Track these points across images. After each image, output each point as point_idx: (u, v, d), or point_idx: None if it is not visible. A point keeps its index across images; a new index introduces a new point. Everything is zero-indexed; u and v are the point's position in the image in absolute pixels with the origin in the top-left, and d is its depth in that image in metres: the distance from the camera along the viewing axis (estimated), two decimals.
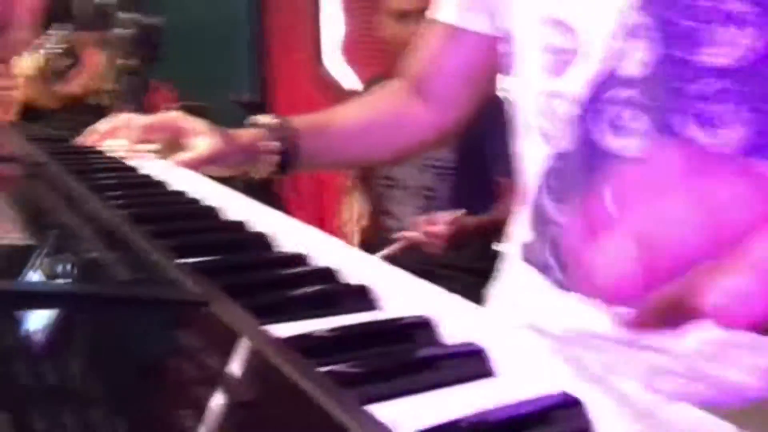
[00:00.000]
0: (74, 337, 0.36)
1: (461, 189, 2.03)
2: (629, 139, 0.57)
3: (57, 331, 0.36)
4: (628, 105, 0.57)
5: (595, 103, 0.58)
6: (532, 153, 0.67)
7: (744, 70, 0.53)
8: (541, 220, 0.67)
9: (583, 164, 0.60)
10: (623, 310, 0.29)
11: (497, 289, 0.79)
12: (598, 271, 0.27)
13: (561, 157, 0.62)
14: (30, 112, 2.46)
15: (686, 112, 0.54)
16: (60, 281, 0.43)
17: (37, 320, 0.36)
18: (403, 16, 1.96)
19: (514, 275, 0.75)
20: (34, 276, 0.44)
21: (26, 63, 2.38)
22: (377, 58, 2.96)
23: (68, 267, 0.44)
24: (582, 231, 0.27)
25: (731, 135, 0.54)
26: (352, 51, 3.32)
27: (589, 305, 0.63)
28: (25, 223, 0.55)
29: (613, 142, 0.58)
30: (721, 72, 0.53)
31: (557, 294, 0.66)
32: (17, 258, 0.48)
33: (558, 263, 0.66)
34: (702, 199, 0.26)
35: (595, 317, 0.62)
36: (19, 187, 0.70)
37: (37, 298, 0.38)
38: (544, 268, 0.68)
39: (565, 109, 0.61)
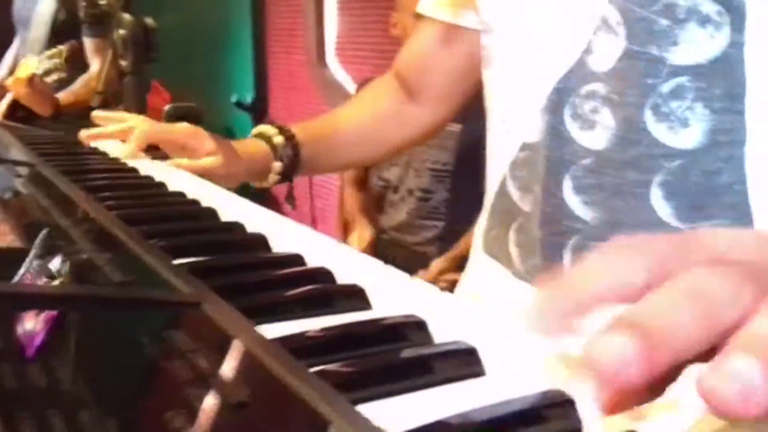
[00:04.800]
0: (65, 339, 0.36)
1: (458, 192, 2.03)
2: (593, 132, 0.58)
3: (48, 332, 0.36)
4: (594, 98, 0.58)
5: (563, 95, 0.59)
6: (500, 143, 0.67)
7: (710, 68, 0.53)
8: (505, 210, 0.68)
9: (551, 155, 0.61)
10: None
11: (462, 283, 0.79)
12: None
13: (528, 147, 0.63)
14: (28, 113, 2.46)
15: (655, 108, 0.55)
16: (52, 283, 0.43)
17: (28, 321, 0.36)
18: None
19: (477, 268, 0.75)
20: (26, 277, 0.44)
21: (23, 66, 2.38)
22: (371, 59, 2.96)
23: (60, 268, 0.44)
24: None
25: (689, 132, 0.54)
26: (346, 52, 3.32)
27: None
28: (16, 224, 0.55)
29: (577, 134, 0.59)
30: (688, 70, 0.54)
31: (518, 285, 0.66)
32: (9, 260, 0.48)
33: (520, 253, 0.66)
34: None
35: None
36: (11, 188, 0.69)
37: (29, 300, 0.38)
38: (505, 259, 0.68)
39: (535, 100, 0.61)
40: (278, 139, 0.87)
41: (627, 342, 0.23)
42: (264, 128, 0.90)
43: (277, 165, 0.87)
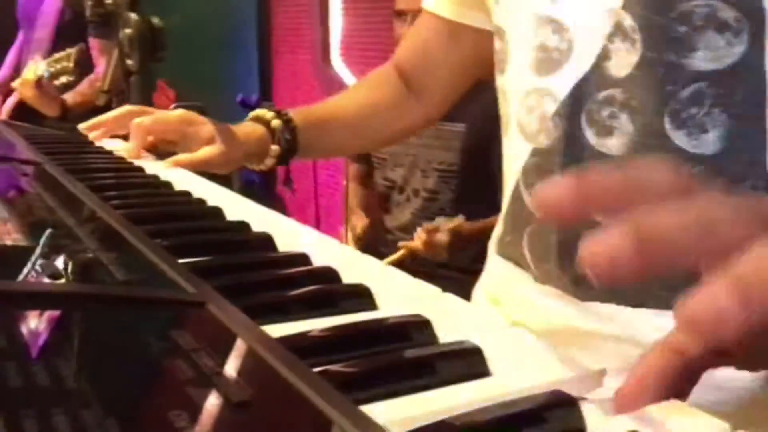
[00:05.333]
0: (69, 337, 0.36)
1: (464, 193, 2.03)
2: (610, 138, 0.58)
3: (52, 330, 0.36)
4: (611, 104, 0.57)
5: (580, 101, 0.59)
6: (515, 148, 0.67)
7: (729, 74, 0.53)
8: (519, 215, 0.67)
9: (564, 161, 0.60)
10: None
11: (478, 288, 0.79)
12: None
13: (543, 153, 0.63)
14: (32, 113, 2.46)
15: (673, 115, 0.55)
16: (56, 281, 0.43)
17: (32, 320, 0.36)
18: (403, 15, 1.96)
19: (494, 270, 0.75)
20: (31, 276, 0.44)
21: (31, 68, 2.38)
22: (375, 59, 2.96)
23: (65, 267, 0.44)
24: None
25: (707, 138, 0.54)
26: (351, 51, 3.32)
27: (564, 299, 0.63)
28: (22, 223, 0.55)
29: (594, 140, 0.59)
30: (701, 76, 0.54)
31: (533, 289, 0.66)
32: (14, 258, 0.48)
33: (533, 259, 0.66)
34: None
35: (569, 311, 0.62)
36: (17, 187, 0.70)
37: (33, 298, 0.38)
38: (519, 263, 0.68)
39: (548, 106, 0.61)
40: (276, 123, 0.87)
41: (619, 233, 0.26)
42: (262, 112, 0.90)
43: (275, 148, 0.87)
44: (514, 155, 0.67)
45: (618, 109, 0.57)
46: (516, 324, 0.65)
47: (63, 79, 2.38)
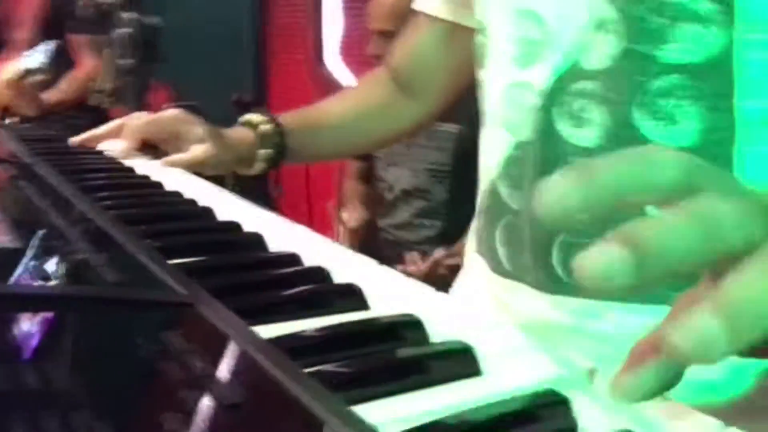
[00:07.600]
0: (61, 339, 0.36)
1: (456, 193, 2.03)
2: (583, 130, 0.58)
3: (43, 333, 0.36)
4: (588, 97, 0.58)
5: (558, 94, 0.59)
6: (494, 142, 0.67)
7: (702, 67, 0.54)
8: (493, 208, 0.67)
9: (543, 154, 0.61)
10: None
11: (456, 283, 0.79)
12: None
13: (521, 146, 0.63)
14: (18, 114, 2.44)
15: (644, 107, 0.55)
16: (47, 283, 0.42)
17: (22, 322, 0.36)
18: (391, 36, 1.95)
19: (468, 268, 0.75)
20: (22, 278, 0.44)
21: (8, 68, 2.36)
22: (374, 58, 2.96)
23: (56, 269, 0.44)
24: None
25: (678, 130, 0.55)
26: (350, 51, 3.32)
27: (536, 294, 0.63)
28: (12, 224, 0.55)
29: (568, 132, 0.59)
30: (680, 68, 0.54)
31: (504, 284, 0.66)
32: (5, 260, 0.47)
33: (506, 252, 0.66)
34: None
35: (542, 306, 0.62)
36: (7, 189, 0.69)
37: (25, 301, 0.38)
38: (492, 258, 0.68)
39: (529, 99, 0.61)
40: (264, 127, 0.88)
41: (616, 251, 0.25)
42: (251, 116, 0.90)
43: (263, 152, 0.87)
44: (494, 148, 0.67)
45: (590, 101, 0.58)
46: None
47: (39, 77, 2.37)
